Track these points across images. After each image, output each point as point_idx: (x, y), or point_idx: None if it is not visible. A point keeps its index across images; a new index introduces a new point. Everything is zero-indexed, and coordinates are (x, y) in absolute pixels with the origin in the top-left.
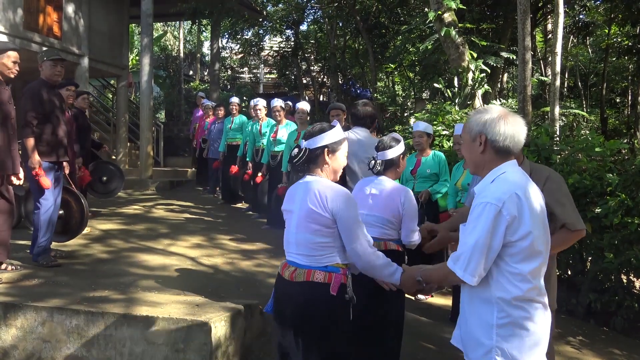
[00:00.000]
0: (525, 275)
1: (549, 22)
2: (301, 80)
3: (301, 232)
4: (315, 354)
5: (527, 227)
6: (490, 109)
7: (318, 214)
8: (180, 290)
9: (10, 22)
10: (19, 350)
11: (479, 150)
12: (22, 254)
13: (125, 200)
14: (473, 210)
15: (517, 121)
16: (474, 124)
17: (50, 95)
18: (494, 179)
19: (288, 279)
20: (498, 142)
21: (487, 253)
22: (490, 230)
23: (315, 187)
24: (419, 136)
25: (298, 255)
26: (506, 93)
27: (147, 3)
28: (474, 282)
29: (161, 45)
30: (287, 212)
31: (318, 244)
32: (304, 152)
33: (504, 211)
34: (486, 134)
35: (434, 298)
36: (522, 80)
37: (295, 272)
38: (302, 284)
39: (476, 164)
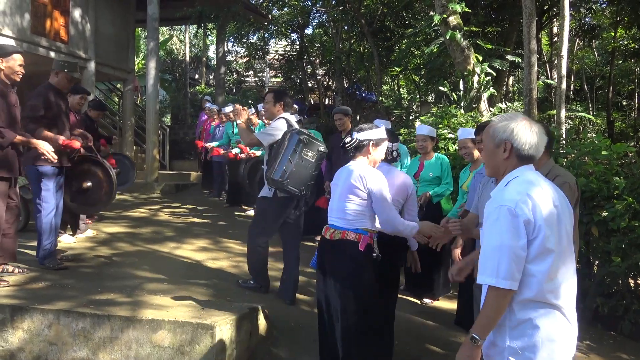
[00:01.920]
0: (537, 275)
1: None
2: (306, 84)
3: (342, 201)
4: (348, 296)
5: (538, 226)
6: (516, 117)
7: (358, 188)
8: (186, 293)
9: (17, 26)
10: (25, 352)
11: (503, 156)
12: (28, 256)
13: (131, 204)
14: (489, 215)
15: (540, 130)
16: (500, 131)
17: (57, 100)
18: (508, 182)
19: (328, 238)
20: (523, 150)
21: (515, 254)
22: (511, 231)
23: (358, 169)
24: (423, 140)
25: (337, 219)
26: (512, 96)
27: (153, 7)
28: (511, 286)
29: (167, 49)
30: (334, 186)
31: (352, 211)
32: (355, 141)
33: (518, 211)
34: (512, 141)
35: (439, 302)
36: (528, 84)
37: (334, 233)
38: (338, 241)
39: (497, 168)
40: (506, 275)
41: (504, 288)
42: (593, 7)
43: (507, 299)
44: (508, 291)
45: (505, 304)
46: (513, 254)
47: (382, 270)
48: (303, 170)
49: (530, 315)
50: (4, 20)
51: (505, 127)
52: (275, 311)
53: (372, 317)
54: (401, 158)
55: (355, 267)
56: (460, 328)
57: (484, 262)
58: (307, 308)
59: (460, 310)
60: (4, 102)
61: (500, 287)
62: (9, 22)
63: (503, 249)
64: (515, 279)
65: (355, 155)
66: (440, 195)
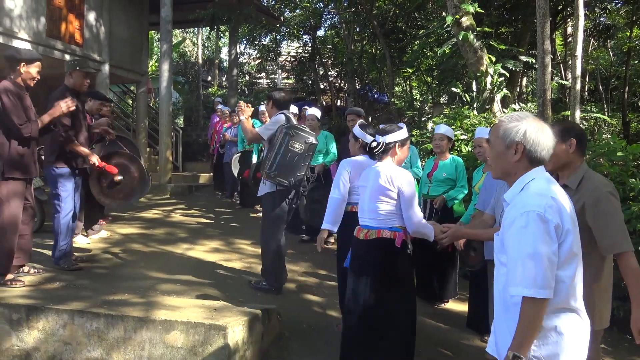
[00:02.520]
0: (565, 280)
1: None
2: (318, 86)
3: (373, 202)
4: (384, 293)
5: (566, 230)
6: (527, 117)
7: (387, 189)
8: (199, 294)
9: (33, 30)
10: (40, 352)
11: (514, 158)
12: (44, 257)
13: (144, 205)
14: (514, 222)
15: (550, 131)
16: (511, 132)
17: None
18: (523, 187)
19: (363, 239)
20: (536, 153)
21: (549, 261)
22: (543, 237)
23: (386, 170)
24: (440, 139)
25: (370, 220)
26: (525, 97)
27: (166, 10)
28: (549, 295)
29: (180, 51)
30: (362, 188)
31: (384, 211)
32: (382, 145)
33: (548, 216)
34: (525, 144)
35: (450, 304)
36: (542, 84)
37: (368, 233)
38: (375, 240)
39: (506, 171)
40: (543, 284)
41: (543, 298)
42: (608, 7)
43: (544, 309)
44: (545, 300)
45: (542, 314)
46: (548, 261)
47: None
48: (290, 162)
49: (555, 322)
50: (20, 24)
51: (516, 128)
52: (287, 312)
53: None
54: (411, 159)
55: (392, 264)
56: (471, 330)
57: (516, 272)
58: (319, 309)
59: (471, 312)
60: (20, 104)
61: (538, 298)
62: (25, 25)
63: (537, 256)
64: (551, 286)
65: (382, 157)
66: (455, 199)
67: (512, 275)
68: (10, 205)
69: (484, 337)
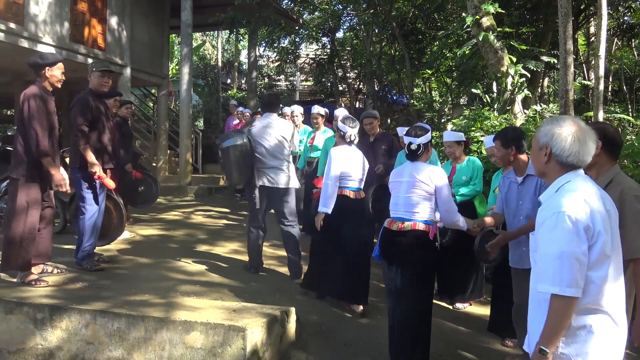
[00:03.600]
0: (596, 281)
1: (592, 25)
2: (337, 87)
3: (409, 196)
4: (416, 282)
5: (597, 231)
6: (563, 121)
7: (425, 184)
8: (218, 295)
9: (57, 34)
10: (63, 351)
11: (544, 160)
12: (67, 258)
13: (165, 207)
14: (545, 222)
15: (588, 138)
16: (542, 134)
17: (96, 103)
18: (558, 188)
19: (396, 230)
20: (562, 158)
21: (577, 261)
22: (571, 237)
23: (424, 168)
24: (449, 146)
25: (405, 212)
26: (547, 98)
27: (186, 14)
28: (576, 293)
29: (200, 54)
30: (396, 183)
31: (420, 205)
32: (420, 147)
33: (577, 217)
34: (552, 146)
35: (472, 307)
36: (564, 85)
37: (403, 224)
38: (410, 232)
39: (541, 171)
40: (570, 282)
41: (569, 296)
42: (632, 6)
43: (572, 307)
44: (573, 299)
45: (570, 312)
46: (575, 261)
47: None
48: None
49: (586, 322)
50: (45, 29)
51: (548, 130)
52: (306, 315)
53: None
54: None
55: (426, 254)
56: (493, 335)
57: (545, 270)
58: (337, 311)
59: (493, 316)
60: (45, 109)
61: (565, 295)
62: (49, 30)
63: (564, 256)
64: (579, 285)
65: (420, 158)
66: (465, 196)
67: (541, 273)
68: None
69: (505, 341)
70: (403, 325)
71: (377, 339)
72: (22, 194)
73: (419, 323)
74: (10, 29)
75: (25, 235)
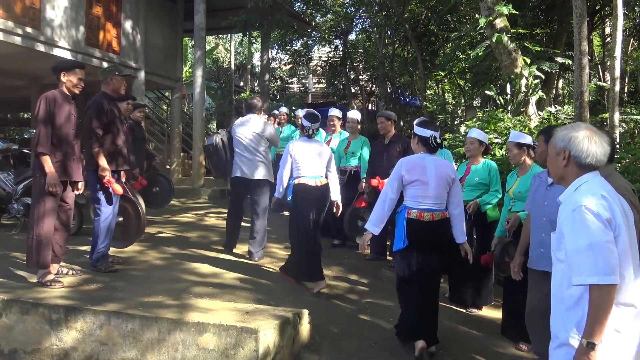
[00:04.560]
0: (623, 275)
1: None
2: (350, 90)
3: (439, 188)
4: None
5: (618, 224)
6: (577, 127)
7: (451, 177)
8: (231, 297)
9: (73, 38)
10: (78, 351)
11: (562, 164)
12: (82, 259)
13: (178, 209)
14: (567, 219)
15: (602, 140)
16: (559, 139)
17: (111, 106)
18: (577, 188)
19: (428, 220)
20: (581, 159)
21: (609, 249)
22: (598, 228)
23: (444, 163)
24: (471, 142)
25: (434, 204)
26: (562, 99)
27: (200, 17)
28: (614, 280)
29: (213, 57)
30: (421, 177)
31: (445, 196)
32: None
33: (599, 211)
34: (570, 150)
35: (484, 311)
36: (579, 86)
37: (434, 214)
38: (442, 220)
39: (560, 176)
40: (607, 270)
41: (609, 284)
42: None
43: (612, 294)
44: (612, 286)
45: (612, 300)
46: (607, 249)
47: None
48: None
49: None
50: (60, 33)
51: (564, 135)
52: (319, 317)
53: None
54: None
55: (450, 239)
56: (505, 338)
57: (579, 263)
58: (350, 314)
59: (505, 319)
60: (63, 113)
61: (604, 284)
62: (65, 34)
63: (595, 246)
64: (616, 272)
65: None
66: (489, 203)
67: (574, 268)
68: (46, 204)
69: (519, 345)
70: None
71: (391, 342)
72: (42, 194)
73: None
74: (27, 33)
75: (44, 234)
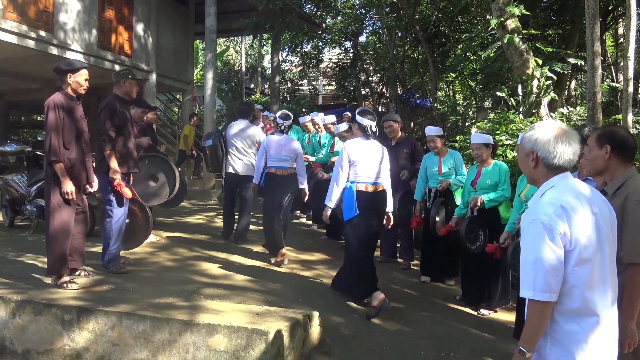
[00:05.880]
0: (578, 286)
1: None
2: (360, 91)
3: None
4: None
5: (575, 237)
6: (544, 126)
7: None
8: (241, 298)
9: (85, 41)
10: (90, 352)
11: (531, 165)
12: (94, 260)
13: (189, 210)
14: (525, 229)
15: (571, 139)
16: (526, 141)
17: (122, 109)
18: (543, 193)
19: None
20: (549, 160)
21: (551, 267)
22: (546, 245)
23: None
24: (477, 148)
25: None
26: (574, 100)
27: (211, 20)
28: (549, 298)
29: (224, 60)
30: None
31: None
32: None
33: (552, 225)
34: (537, 151)
35: (497, 314)
36: (592, 87)
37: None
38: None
39: (530, 177)
40: (543, 287)
41: (542, 300)
42: None
43: (547, 311)
44: (546, 303)
45: (546, 316)
46: (549, 267)
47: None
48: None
49: (572, 326)
50: (73, 36)
51: (531, 136)
52: (329, 319)
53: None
54: (456, 165)
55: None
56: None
57: (523, 276)
58: (360, 316)
59: (518, 322)
60: (71, 116)
61: (538, 300)
62: (78, 38)
63: (538, 262)
64: (553, 291)
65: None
66: (494, 201)
67: (521, 279)
68: (62, 210)
69: None
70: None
71: (401, 345)
72: (54, 197)
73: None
74: (41, 36)
75: (57, 237)
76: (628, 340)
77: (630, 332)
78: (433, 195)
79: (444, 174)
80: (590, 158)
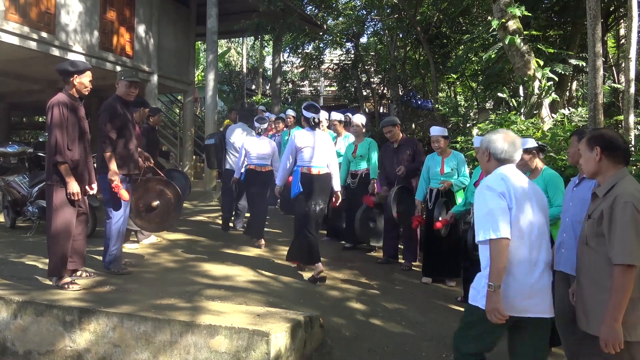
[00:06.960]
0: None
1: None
2: (361, 93)
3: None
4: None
5: (512, 197)
6: (496, 132)
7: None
8: (243, 300)
9: (87, 43)
10: (91, 353)
11: (485, 159)
12: (95, 261)
13: (191, 211)
14: (476, 196)
15: (514, 140)
16: (483, 142)
17: (123, 110)
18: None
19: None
20: (497, 155)
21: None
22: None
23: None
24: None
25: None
26: (575, 102)
27: (212, 21)
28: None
29: (225, 61)
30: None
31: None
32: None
33: (495, 187)
34: (489, 149)
35: None
36: (593, 88)
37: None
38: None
39: (485, 169)
40: (500, 228)
41: (504, 237)
42: None
43: (506, 246)
44: (504, 240)
45: (506, 251)
46: (499, 212)
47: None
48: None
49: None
50: (75, 37)
51: (486, 138)
52: (330, 320)
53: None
54: (458, 166)
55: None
56: None
57: (480, 226)
58: (361, 317)
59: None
60: (74, 116)
61: (498, 238)
62: (80, 39)
63: (490, 212)
64: (505, 230)
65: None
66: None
67: (478, 227)
68: (64, 211)
69: None
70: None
71: (402, 346)
72: (56, 198)
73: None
74: (42, 38)
75: (59, 238)
76: (612, 340)
77: (615, 333)
78: (434, 195)
79: (446, 175)
80: (582, 161)
